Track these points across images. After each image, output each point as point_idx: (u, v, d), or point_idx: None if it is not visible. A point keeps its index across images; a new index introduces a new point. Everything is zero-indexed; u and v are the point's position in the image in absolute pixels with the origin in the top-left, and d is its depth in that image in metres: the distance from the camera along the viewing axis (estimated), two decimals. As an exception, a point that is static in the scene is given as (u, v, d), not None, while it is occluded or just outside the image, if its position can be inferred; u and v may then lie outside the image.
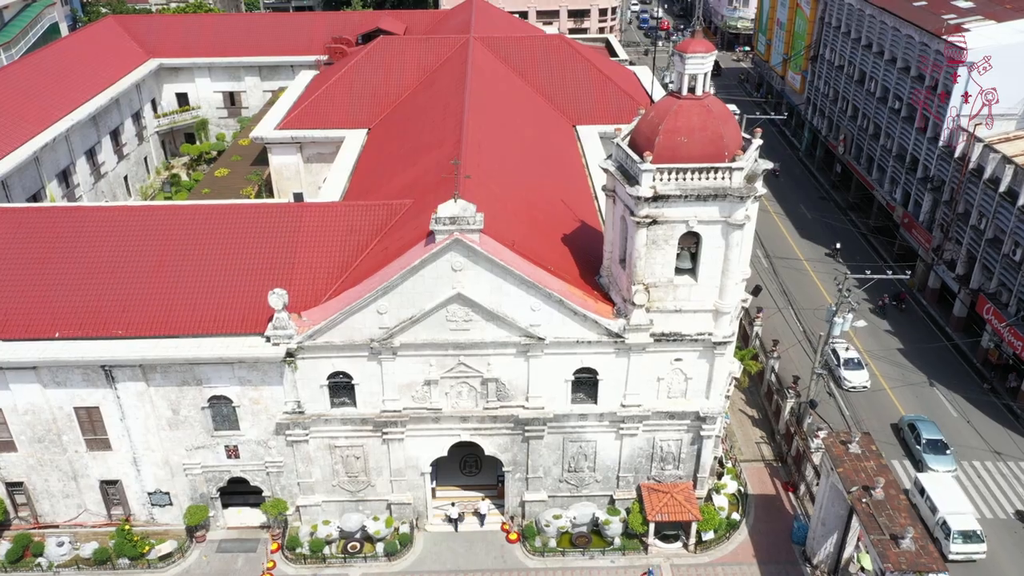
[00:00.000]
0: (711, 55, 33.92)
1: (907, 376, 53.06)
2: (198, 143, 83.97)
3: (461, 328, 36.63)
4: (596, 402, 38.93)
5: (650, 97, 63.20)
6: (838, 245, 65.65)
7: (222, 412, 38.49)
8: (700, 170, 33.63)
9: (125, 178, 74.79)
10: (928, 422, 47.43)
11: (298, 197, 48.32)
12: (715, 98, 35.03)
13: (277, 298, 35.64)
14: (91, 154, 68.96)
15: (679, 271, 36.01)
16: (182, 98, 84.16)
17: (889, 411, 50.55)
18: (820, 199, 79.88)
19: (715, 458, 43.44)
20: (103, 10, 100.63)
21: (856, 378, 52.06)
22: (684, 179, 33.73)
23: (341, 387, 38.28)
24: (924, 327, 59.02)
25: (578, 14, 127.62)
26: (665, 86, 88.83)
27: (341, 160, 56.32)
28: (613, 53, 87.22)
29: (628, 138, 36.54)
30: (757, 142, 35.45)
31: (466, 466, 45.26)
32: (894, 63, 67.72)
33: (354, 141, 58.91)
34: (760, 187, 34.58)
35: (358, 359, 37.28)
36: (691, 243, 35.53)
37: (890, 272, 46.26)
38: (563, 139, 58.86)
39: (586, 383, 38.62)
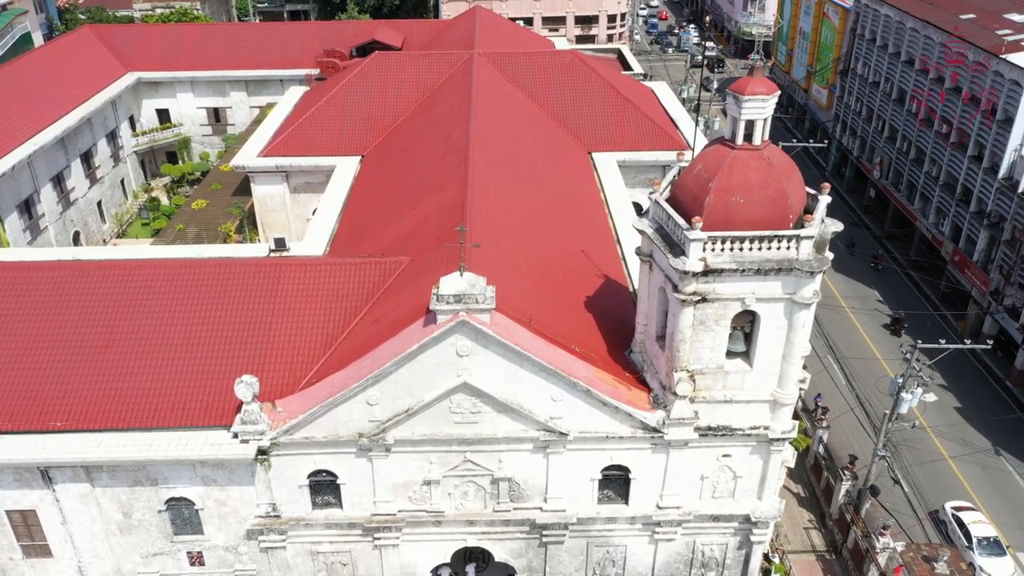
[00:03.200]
0: (773, 97, 27.82)
1: (969, 442, 46.85)
2: (180, 163, 77.81)
3: (468, 421, 30.52)
4: (627, 502, 32.84)
5: (686, 141, 56.44)
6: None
7: (183, 515, 32.41)
8: (760, 239, 27.54)
9: (98, 204, 68.58)
10: None
11: (279, 243, 42.06)
12: (775, 147, 28.92)
13: (246, 388, 29.53)
14: (58, 180, 62.74)
15: (730, 354, 29.93)
16: (163, 115, 77.88)
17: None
18: (852, 226, 73.67)
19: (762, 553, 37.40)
20: (81, 17, 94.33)
21: (998, 569, 37.96)
22: (741, 249, 27.64)
23: (324, 485, 32.20)
24: (979, 379, 52.86)
25: (585, 20, 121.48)
26: (683, 101, 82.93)
27: (331, 192, 50.28)
28: (626, 65, 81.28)
29: (668, 192, 30.48)
30: (825, 199, 29.31)
31: (471, 558, 39.14)
32: (941, 82, 61.51)
33: (346, 170, 52.81)
34: (830, 256, 28.56)
35: (344, 456, 31.19)
36: (745, 321, 29.46)
37: (968, 342, 40.06)
38: (579, 170, 52.73)
39: (616, 481, 32.55)
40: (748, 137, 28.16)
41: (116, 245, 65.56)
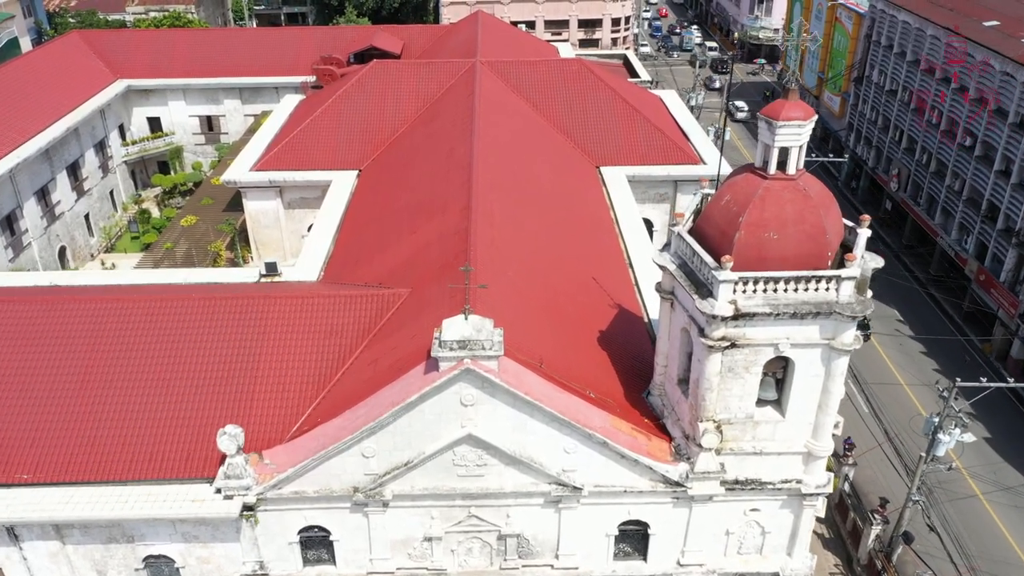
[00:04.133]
0: (809, 122, 25.25)
1: (1000, 481, 44.25)
2: (172, 173, 75.16)
3: (472, 474, 27.94)
4: (646, 559, 30.25)
5: (697, 153, 53.87)
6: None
7: (162, 572, 29.83)
8: (797, 279, 24.98)
9: (86, 217, 65.94)
10: None
11: (271, 267, 39.57)
12: (811, 176, 26.32)
13: (229, 440, 26.95)
14: (43, 193, 60.12)
15: (761, 402, 27.35)
16: (154, 123, 75.22)
17: None
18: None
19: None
20: (72, 22, 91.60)
21: None
22: (775, 291, 25.06)
23: (316, 542, 29.62)
24: (1008, 408, 50.20)
25: (589, 24, 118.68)
26: (691, 109, 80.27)
27: (327, 209, 47.73)
28: (632, 71, 78.73)
29: (691, 223, 27.88)
30: (864, 233, 26.71)
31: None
32: (963, 92, 58.94)
33: (342, 186, 50.23)
34: (869, 294, 25.99)
35: (338, 511, 28.61)
36: (778, 367, 26.87)
37: (1011, 380, 37.48)
38: (587, 185, 50.15)
39: (633, 535, 29.97)
40: (782, 165, 25.60)
41: (104, 261, 62.91)
